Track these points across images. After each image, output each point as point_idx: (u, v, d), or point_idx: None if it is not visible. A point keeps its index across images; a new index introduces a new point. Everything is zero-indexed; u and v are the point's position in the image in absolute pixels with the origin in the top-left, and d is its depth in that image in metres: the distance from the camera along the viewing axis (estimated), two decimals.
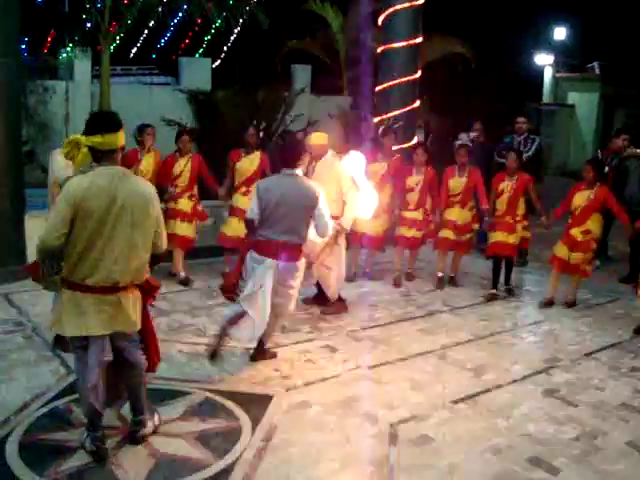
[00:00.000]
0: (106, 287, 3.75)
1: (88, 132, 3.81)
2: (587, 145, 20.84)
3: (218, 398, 4.76)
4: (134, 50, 20.61)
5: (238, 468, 3.88)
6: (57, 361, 5.28)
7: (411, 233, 7.98)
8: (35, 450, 3.98)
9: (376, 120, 9.95)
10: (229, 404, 4.67)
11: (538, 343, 6.35)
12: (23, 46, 13.11)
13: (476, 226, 8.07)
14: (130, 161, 7.20)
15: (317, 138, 6.66)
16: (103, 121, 3.81)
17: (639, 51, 18.34)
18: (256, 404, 4.68)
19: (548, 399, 5.03)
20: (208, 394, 4.82)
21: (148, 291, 4.07)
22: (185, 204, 7.64)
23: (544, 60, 21.69)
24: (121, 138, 3.82)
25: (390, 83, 9.87)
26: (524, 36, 20.25)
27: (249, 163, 7.72)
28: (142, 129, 7.61)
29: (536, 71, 21.81)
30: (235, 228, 7.47)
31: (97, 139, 3.73)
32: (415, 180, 7.95)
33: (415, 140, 9.82)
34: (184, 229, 7.59)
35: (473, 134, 9.66)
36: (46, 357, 5.38)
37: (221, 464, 3.91)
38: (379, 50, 10.29)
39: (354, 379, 5.24)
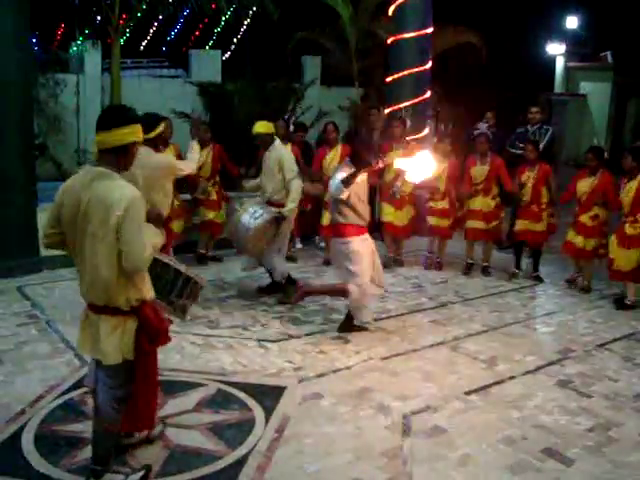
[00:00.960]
0: (91, 304, 3.35)
1: (97, 128, 3.34)
2: (599, 135, 20.68)
3: (231, 390, 4.78)
4: (144, 43, 20.63)
5: (251, 459, 3.89)
6: (71, 353, 5.31)
7: (441, 222, 8.21)
8: (50, 441, 4.01)
9: (387, 111, 9.92)
10: (242, 395, 4.68)
11: (551, 334, 6.32)
12: (34, 40, 13.12)
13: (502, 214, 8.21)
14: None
15: (263, 126, 6.76)
16: (99, 119, 3.34)
17: None
18: (269, 395, 4.69)
19: (562, 390, 5.00)
20: (221, 386, 4.84)
21: (145, 328, 3.36)
22: (211, 192, 8.09)
23: (556, 49, 21.53)
24: (116, 136, 3.25)
25: (401, 74, 9.82)
26: (536, 25, 20.08)
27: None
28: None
29: (548, 61, 21.65)
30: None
31: (96, 137, 3.31)
32: (440, 170, 8.00)
33: (426, 131, 9.77)
34: (212, 216, 8.10)
35: (485, 124, 9.63)
36: (60, 349, 5.41)
37: (235, 455, 3.92)
38: (389, 41, 10.23)
39: (366, 370, 5.23)
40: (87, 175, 3.26)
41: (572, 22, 22.15)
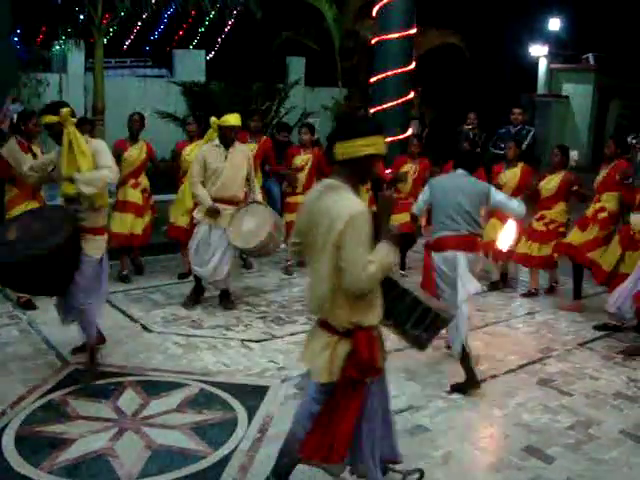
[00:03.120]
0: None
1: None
2: (582, 136, 20.85)
3: (214, 390, 4.77)
4: (128, 42, 20.51)
5: (234, 459, 3.90)
6: (53, 354, 5.29)
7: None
8: (31, 442, 3.99)
9: (372, 111, 9.95)
10: (225, 395, 4.68)
11: (533, 333, 6.37)
12: (15, 39, 13.03)
13: None
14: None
15: (234, 119, 6.47)
16: (339, 128, 3.27)
17: (634, 42, 18.34)
18: (252, 395, 4.70)
19: (543, 388, 5.05)
20: (204, 386, 4.83)
21: (354, 360, 3.08)
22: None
23: (539, 51, 21.68)
24: (352, 147, 3.03)
25: (384, 74, 9.85)
26: (519, 27, 20.20)
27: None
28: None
29: (531, 62, 21.80)
30: None
31: (335, 147, 3.10)
32: (408, 169, 8.09)
33: (410, 131, 9.81)
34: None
35: (469, 127, 9.69)
36: (41, 350, 5.38)
37: (217, 455, 3.93)
38: (373, 41, 10.26)
39: None
40: (320, 186, 3.17)
41: (554, 24, 22.32)
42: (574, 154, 7.94)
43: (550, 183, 7.17)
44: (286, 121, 11.15)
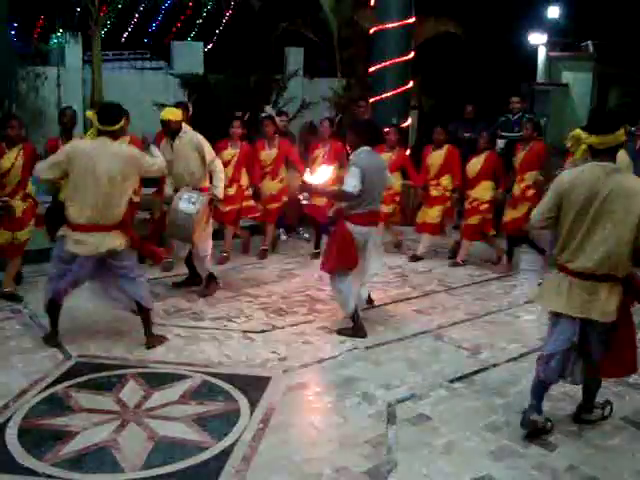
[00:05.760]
0: (583, 273, 3.94)
1: (590, 131, 4.02)
2: (581, 124, 20.75)
3: (216, 381, 4.78)
4: (125, 35, 20.45)
5: (237, 450, 3.90)
6: (54, 347, 5.29)
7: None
8: (35, 435, 4.00)
9: (371, 101, 9.92)
10: (227, 387, 4.68)
11: (534, 321, 6.36)
12: (13, 32, 12.99)
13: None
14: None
15: (172, 113, 6.62)
16: (597, 122, 4.07)
17: (633, 29, 18.25)
18: (254, 386, 4.70)
19: None
20: (206, 377, 4.84)
21: (630, 289, 4.01)
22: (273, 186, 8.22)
23: (538, 39, 21.58)
24: (616, 137, 3.94)
25: (383, 64, 9.83)
26: (517, 16, 20.08)
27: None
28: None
29: (530, 51, 21.70)
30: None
31: (593, 139, 3.96)
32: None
33: (409, 121, 9.80)
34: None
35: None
36: (43, 344, 5.38)
37: (220, 446, 3.93)
38: (372, 31, 10.23)
39: (351, 360, 5.25)
40: (600, 171, 3.87)
41: (554, 12, 22.21)
42: (501, 142, 9.21)
43: (476, 165, 7.96)
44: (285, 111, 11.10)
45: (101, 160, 4.97)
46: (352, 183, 5.43)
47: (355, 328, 5.74)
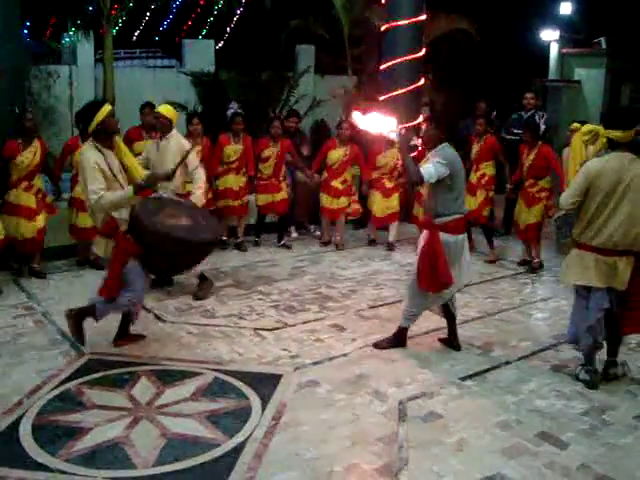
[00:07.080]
0: (605, 249, 4.56)
1: (608, 126, 4.62)
2: (593, 121, 20.64)
3: (228, 378, 4.80)
4: (137, 33, 20.49)
5: (248, 447, 3.92)
6: (67, 344, 5.33)
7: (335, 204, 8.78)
8: (48, 431, 4.03)
9: (382, 99, 9.89)
10: (239, 384, 4.71)
11: (546, 319, 6.35)
12: (25, 31, 13.04)
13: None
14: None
15: (167, 109, 6.60)
16: (622, 118, 4.66)
17: None
18: (265, 383, 4.72)
19: (556, 375, 5.04)
20: (218, 374, 4.86)
21: None
22: (237, 180, 8.37)
23: (550, 36, 21.44)
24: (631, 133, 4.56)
25: (394, 62, 9.79)
26: (529, 12, 19.96)
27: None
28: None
29: (542, 47, 21.58)
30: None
31: (617, 133, 4.55)
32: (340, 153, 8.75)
33: (421, 118, 9.76)
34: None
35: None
36: (56, 340, 5.43)
37: (232, 443, 3.95)
38: (383, 28, 10.20)
39: (362, 357, 5.26)
40: (622, 160, 4.51)
41: (566, 8, 22.06)
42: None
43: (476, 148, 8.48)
44: (296, 109, 11.11)
45: None
46: (431, 172, 4.95)
47: (397, 339, 5.49)
